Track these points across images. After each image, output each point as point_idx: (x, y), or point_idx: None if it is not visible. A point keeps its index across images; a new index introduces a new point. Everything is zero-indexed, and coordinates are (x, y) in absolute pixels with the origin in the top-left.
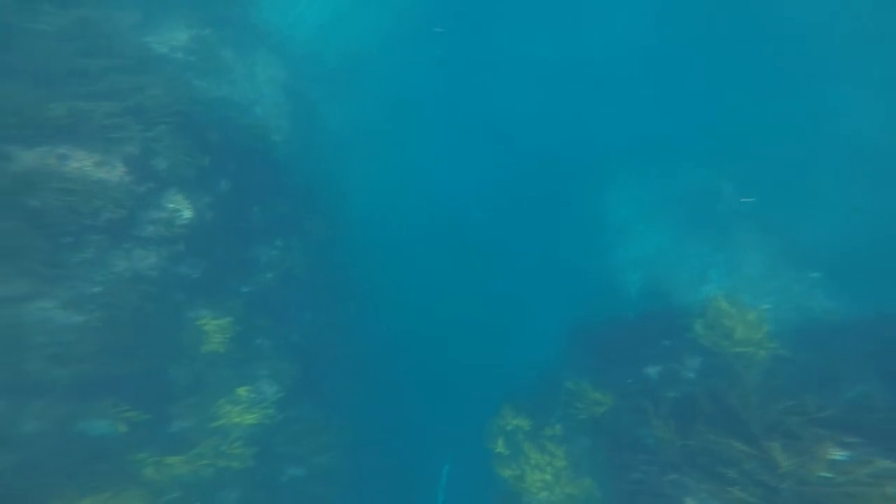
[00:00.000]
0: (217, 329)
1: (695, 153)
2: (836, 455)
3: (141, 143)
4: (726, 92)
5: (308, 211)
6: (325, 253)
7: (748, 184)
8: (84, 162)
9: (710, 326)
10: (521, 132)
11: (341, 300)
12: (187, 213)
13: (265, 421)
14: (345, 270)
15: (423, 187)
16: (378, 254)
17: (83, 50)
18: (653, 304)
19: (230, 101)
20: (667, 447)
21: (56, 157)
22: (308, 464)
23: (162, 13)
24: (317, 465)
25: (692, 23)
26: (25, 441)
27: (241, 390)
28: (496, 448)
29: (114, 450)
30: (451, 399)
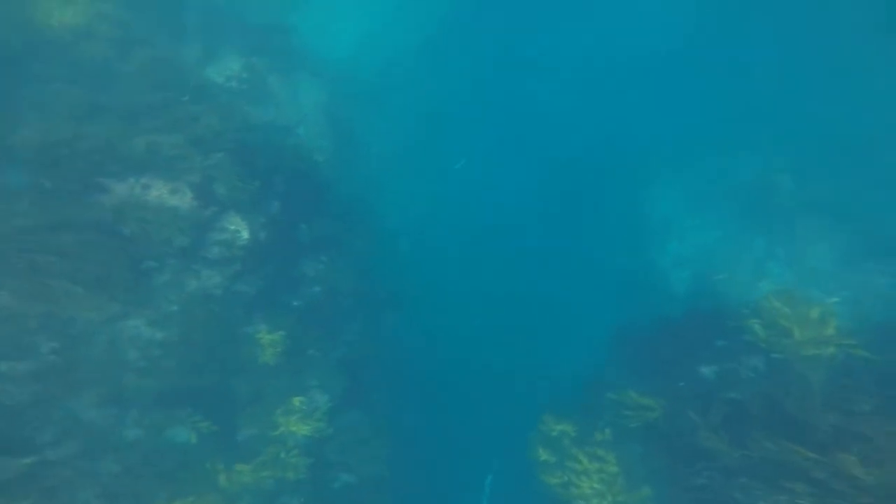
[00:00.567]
0: (272, 342)
1: (748, 143)
2: None
3: (202, 170)
4: (780, 76)
5: (350, 226)
6: (367, 266)
7: (809, 172)
8: (162, 191)
9: (767, 325)
10: (562, 130)
11: (385, 312)
12: (245, 234)
13: (317, 431)
14: (387, 282)
15: (461, 194)
16: (419, 265)
17: (157, 85)
18: (704, 303)
19: (276, 125)
20: (724, 456)
21: (141, 187)
22: (358, 472)
23: (218, 44)
24: (366, 473)
25: (740, 3)
26: (127, 447)
27: (295, 400)
28: (540, 456)
29: (192, 457)
30: (495, 408)
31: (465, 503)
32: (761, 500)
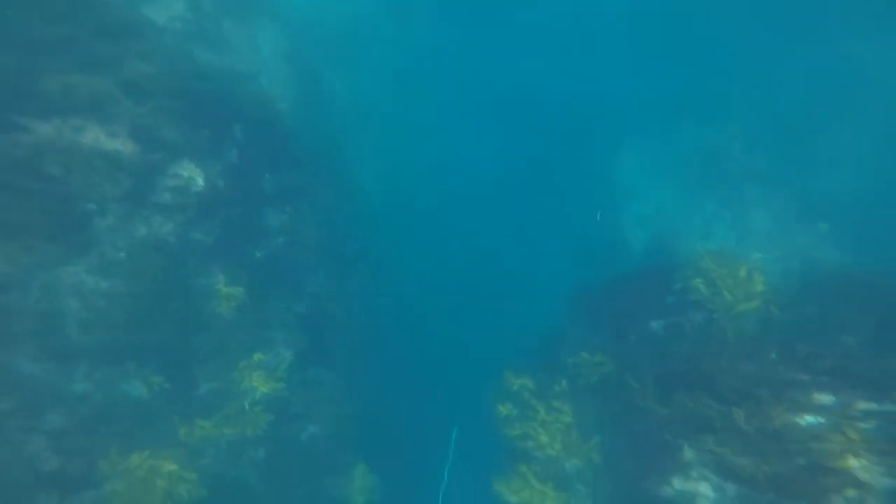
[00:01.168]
0: (231, 294)
1: (701, 112)
2: (824, 399)
3: (142, 116)
4: (733, 48)
5: (317, 177)
6: (333, 219)
7: (755, 141)
8: (98, 134)
9: (708, 284)
10: (526, 92)
11: (351, 266)
12: (200, 181)
13: (280, 387)
14: (353, 237)
15: (428, 152)
16: (384, 220)
17: (71, 16)
18: (657, 261)
19: (234, 71)
20: (655, 412)
21: (71, 129)
22: (324, 425)
23: None
24: (332, 428)
25: None
26: (76, 400)
27: (258, 355)
28: (501, 411)
29: (150, 412)
30: (459, 365)
31: (432, 456)
32: (685, 443)
